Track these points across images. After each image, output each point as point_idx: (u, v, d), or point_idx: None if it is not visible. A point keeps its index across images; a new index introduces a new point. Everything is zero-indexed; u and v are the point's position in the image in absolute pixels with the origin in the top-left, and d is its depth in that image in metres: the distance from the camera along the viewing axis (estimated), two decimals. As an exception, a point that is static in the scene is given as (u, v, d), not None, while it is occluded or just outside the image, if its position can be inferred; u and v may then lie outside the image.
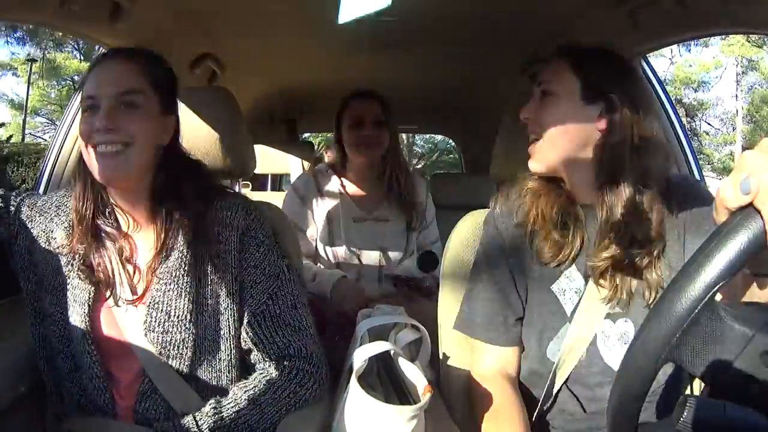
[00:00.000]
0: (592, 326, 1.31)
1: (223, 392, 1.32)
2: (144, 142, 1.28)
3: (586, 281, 1.33)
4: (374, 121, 2.41)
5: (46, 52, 22.43)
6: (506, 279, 1.40)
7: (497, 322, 1.40)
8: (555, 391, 1.34)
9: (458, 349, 1.53)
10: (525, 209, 1.38)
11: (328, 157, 2.84)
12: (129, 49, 1.35)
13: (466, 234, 1.59)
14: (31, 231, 1.36)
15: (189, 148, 1.45)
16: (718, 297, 0.70)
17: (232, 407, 1.26)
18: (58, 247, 1.34)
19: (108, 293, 1.33)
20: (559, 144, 1.31)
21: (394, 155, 2.51)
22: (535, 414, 1.37)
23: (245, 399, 1.27)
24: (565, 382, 1.33)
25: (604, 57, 1.33)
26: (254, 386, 1.30)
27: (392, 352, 1.34)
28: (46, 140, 21.77)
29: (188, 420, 1.24)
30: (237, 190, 2.32)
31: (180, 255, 1.32)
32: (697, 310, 0.68)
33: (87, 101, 1.28)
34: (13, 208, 1.38)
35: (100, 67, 1.32)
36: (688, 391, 1.20)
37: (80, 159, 1.33)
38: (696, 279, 0.68)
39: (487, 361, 1.42)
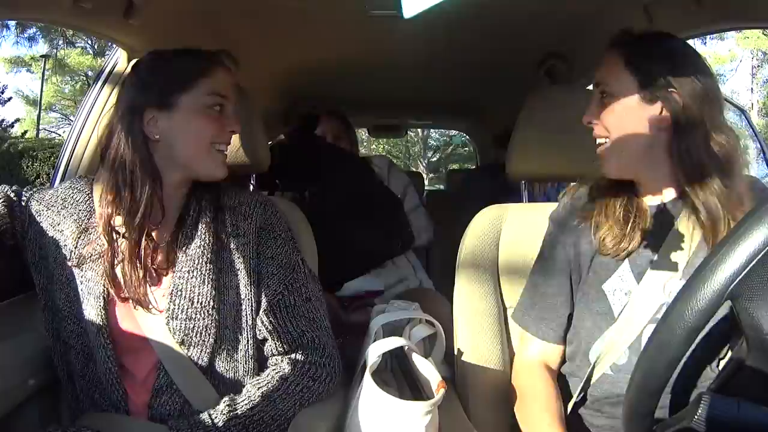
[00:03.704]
0: (635, 329, 1.28)
1: (239, 385, 1.33)
2: None
3: (638, 282, 1.30)
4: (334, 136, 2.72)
5: (58, 50, 22.51)
6: (563, 276, 1.41)
7: (549, 318, 1.42)
8: (589, 386, 1.34)
9: (473, 344, 1.53)
10: (592, 206, 1.37)
11: None
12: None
13: (482, 230, 1.59)
14: (40, 225, 1.37)
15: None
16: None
17: (246, 404, 1.26)
18: (66, 240, 1.35)
19: (124, 286, 1.31)
20: (626, 146, 1.27)
21: None
22: (570, 408, 1.37)
23: (259, 395, 1.28)
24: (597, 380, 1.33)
25: (658, 47, 1.27)
26: (267, 382, 1.31)
27: (406, 348, 1.35)
28: (60, 135, 21.91)
29: (203, 417, 1.24)
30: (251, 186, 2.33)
31: (202, 243, 1.33)
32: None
33: (216, 98, 1.36)
34: (24, 203, 1.39)
35: (224, 68, 1.41)
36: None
37: (149, 160, 1.32)
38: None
39: (531, 351, 1.45)
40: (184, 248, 1.34)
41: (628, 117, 1.26)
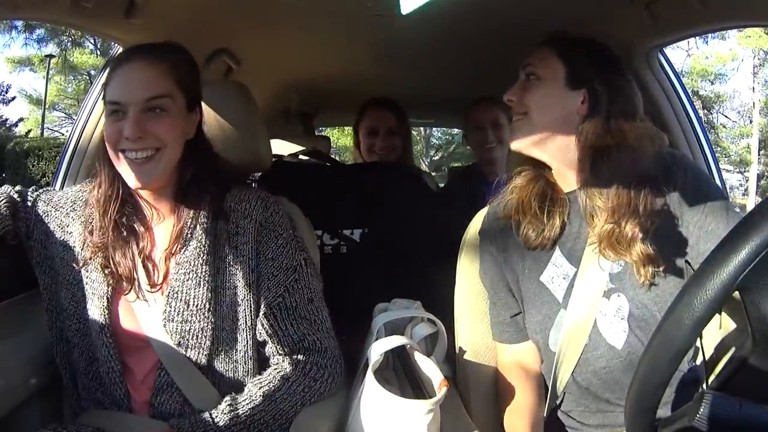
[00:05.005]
0: (591, 311, 1.32)
1: (239, 384, 1.33)
2: (173, 143, 1.30)
3: (576, 266, 1.36)
4: (387, 130, 2.58)
5: (66, 51, 22.50)
6: (499, 279, 1.48)
7: (503, 323, 1.48)
8: (564, 382, 1.36)
9: (474, 343, 1.54)
10: (511, 203, 1.44)
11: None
12: (151, 48, 1.33)
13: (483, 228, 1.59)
14: (47, 225, 1.37)
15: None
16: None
17: (248, 404, 1.26)
18: (74, 241, 1.35)
19: (127, 286, 1.33)
20: (539, 121, 1.35)
21: (405, 159, 2.69)
22: (546, 408, 1.38)
23: (260, 395, 1.28)
24: (573, 373, 1.35)
25: (589, 46, 1.38)
26: (269, 382, 1.30)
27: (408, 347, 1.35)
28: (63, 134, 21.93)
29: (204, 416, 1.24)
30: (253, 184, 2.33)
31: (198, 244, 1.33)
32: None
33: (111, 106, 1.27)
34: (29, 204, 1.40)
35: (123, 69, 1.28)
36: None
37: (105, 155, 1.32)
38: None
39: (505, 357, 1.49)
40: (182, 250, 1.34)
41: (549, 98, 1.36)
